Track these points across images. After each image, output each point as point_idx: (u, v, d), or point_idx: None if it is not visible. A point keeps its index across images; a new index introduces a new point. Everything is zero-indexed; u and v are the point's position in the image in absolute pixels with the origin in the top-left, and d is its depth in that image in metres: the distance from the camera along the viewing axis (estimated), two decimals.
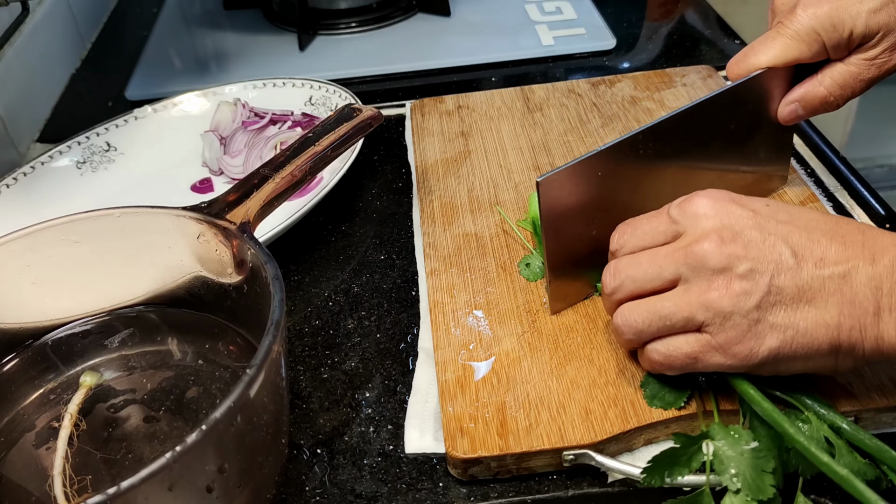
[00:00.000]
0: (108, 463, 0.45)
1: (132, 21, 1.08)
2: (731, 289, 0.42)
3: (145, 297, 0.53)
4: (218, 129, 0.76)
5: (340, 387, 0.54)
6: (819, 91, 0.54)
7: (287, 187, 0.52)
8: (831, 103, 0.55)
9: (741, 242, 0.42)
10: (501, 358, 0.52)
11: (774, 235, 0.43)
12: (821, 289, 0.41)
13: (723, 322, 0.42)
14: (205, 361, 0.50)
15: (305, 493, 0.48)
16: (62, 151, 0.74)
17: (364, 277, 0.63)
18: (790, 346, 0.42)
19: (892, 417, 0.47)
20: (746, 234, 0.43)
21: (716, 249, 0.42)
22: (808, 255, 0.42)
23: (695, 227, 0.44)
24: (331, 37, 0.97)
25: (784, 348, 0.42)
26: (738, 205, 0.44)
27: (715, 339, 0.43)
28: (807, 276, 0.42)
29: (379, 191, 0.72)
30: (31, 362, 0.51)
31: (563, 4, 0.99)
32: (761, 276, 0.42)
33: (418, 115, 0.77)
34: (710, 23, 0.96)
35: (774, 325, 0.42)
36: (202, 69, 0.94)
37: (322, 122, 0.59)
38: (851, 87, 0.54)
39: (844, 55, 0.53)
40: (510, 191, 0.66)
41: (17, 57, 0.83)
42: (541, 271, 0.57)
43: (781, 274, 0.42)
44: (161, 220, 0.50)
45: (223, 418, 0.36)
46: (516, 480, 0.47)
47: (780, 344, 0.42)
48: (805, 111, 0.56)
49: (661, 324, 0.44)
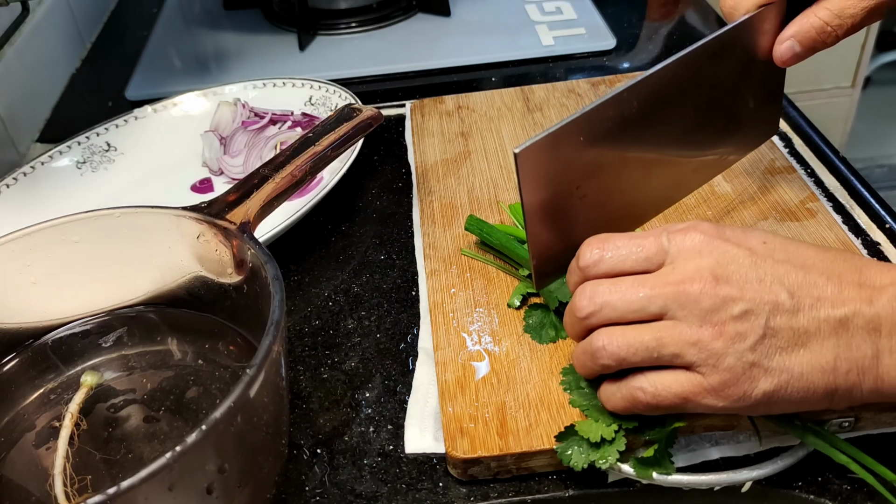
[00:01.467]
0: (108, 463, 0.45)
1: (132, 21, 1.08)
2: (726, 330, 0.40)
3: (145, 297, 0.53)
4: (218, 129, 0.76)
5: (340, 387, 0.54)
6: (815, 21, 0.50)
7: (287, 187, 0.52)
8: (829, 34, 0.50)
9: (736, 283, 0.41)
10: (501, 358, 0.52)
11: (771, 276, 0.41)
12: (817, 332, 0.40)
13: (716, 363, 0.40)
14: (205, 361, 0.50)
15: (305, 493, 0.48)
16: (62, 151, 0.74)
17: (364, 277, 0.63)
18: (785, 389, 0.40)
19: (892, 417, 0.47)
20: (742, 273, 0.41)
21: (710, 290, 0.40)
22: (805, 297, 0.40)
23: (686, 263, 0.42)
24: (331, 37, 0.97)
25: (779, 391, 0.40)
26: (734, 243, 0.42)
27: (707, 380, 0.41)
28: (803, 318, 0.40)
29: (379, 191, 0.72)
30: (31, 362, 0.51)
31: (563, 4, 0.99)
32: (756, 318, 0.40)
33: (418, 115, 0.77)
34: (710, 23, 0.96)
35: (769, 369, 0.40)
36: (202, 69, 0.94)
37: (322, 122, 0.59)
38: (851, 14, 0.49)
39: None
40: (510, 191, 0.66)
41: (17, 57, 0.83)
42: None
43: (777, 316, 0.40)
44: (161, 220, 0.50)
45: (223, 418, 0.36)
46: (516, 480, 0.47)
47: (775, 387, 0.40)
48: (802, 47, 0.51)
49: (646, 354, 0.42)
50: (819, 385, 0.40)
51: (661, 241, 0.43)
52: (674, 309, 0.41)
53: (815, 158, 0.70)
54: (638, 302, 0.42)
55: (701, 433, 0.48)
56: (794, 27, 0.51)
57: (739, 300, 0.40)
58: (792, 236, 0.58)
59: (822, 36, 0.51)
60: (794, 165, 0.67)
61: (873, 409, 0.46)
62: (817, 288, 0.41)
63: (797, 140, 0.72)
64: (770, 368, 0.40)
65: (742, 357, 0.40)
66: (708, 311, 0.40)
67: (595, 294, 0.43)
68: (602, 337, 0.43)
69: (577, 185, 0.48)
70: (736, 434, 0.48)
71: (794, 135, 0.72)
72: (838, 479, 0.46)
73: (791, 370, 0.40)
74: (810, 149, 0.71)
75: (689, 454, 0.47)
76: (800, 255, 0.42)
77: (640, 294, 0.42)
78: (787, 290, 0.40)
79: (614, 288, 0.43)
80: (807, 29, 0.51)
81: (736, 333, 0.40)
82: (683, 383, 0.41)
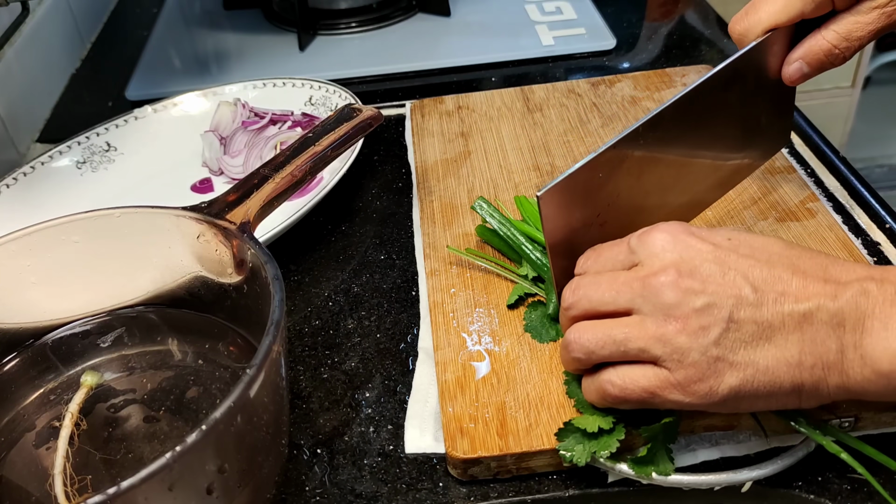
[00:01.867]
0: (108, 463, 0.45)
1: (132, 21, 1.08)
2: (689, 324, 0.41)
3: (145, 297, 0.53)
4: (218, 129, 0.76)
5: (340, 387, 0.54)
6: (823, 44, 0.51)
7: (287, 187, 0.52)
8: (837, 56, 0.52)
9: (699, 277, 0.41)
10: (501, 358, 0.52)
11: (734, 270, 0.41)
12: (781, 326, 0.40)
13: (681, 358, 0.41)
14: (205, 361, 0.50)
15: (305, 493, 0.48)
16: (62, 151, 0.74)
17: (364, 277, 0.63)
18: (751, 384, 0.40)
19: (892, 417, 0.47)
20: (705, 267, 0.42)
21: (672, 283, 0.41)
22: (769, 291, 0.41)
23: (652, 260, 0.43)
24: (331, 37, 0.97)
25: (745, 386, 0.40)
26: (698, 238, 0.43)
27: (674, 375, 0.41)
28: (767, 312, 0.40)
29: (379, 191, 0.72)
30: (31, 362, 0.51)
31: (563, 4, 0.99)
32: (720, 311, 0.40)
33: (418, 115, 0.77)
34: (710, 23, 0.96)
35: (734, 363, 0.40)
36: (202, 69, 0.94)
37: (322, 122, 0.59)
38: (858, 37, 0.51)
39: (851, 4, 0.50)
40: (510, 191, 0.66)
41: (17, 57, 0.83)
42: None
43: (741, 309, 0.40)
44: (161, 220, 0.50)
45: (223, 418, 0.36)
46: (516, 480, 0.47)
47: (741, 382, 0.40)
48: (810, 68, 0.53)
49: (613, 348, 0.43)
50: (785, 380, 0.40)
51: (631, 244, 0.45)
52: (640, 303, 0.42)
53: (815, 158, 0.70)
54: (609, 294, 0.44)
55: (701, 433, 0.48)
56: (803, 49, 0.52)
57: (702, 293, 0.41)
58: (792, 236, 0.58)
59: (830, 58, 0.52)
60: (794, 165, 0.67)
61: (873, 408, 0.46)
62: (781, 282, 0.41)
63: (797, 140, 0.72)
64: (735, 362, 0.40)
65: (706, 351, 0.40)
66: (671, 304, 0.41)
67: (577, 286, 0.46)
68: (574, 330, 0.45)
69: (597, 214, 0.50)
70: (736, 434, 0.48)
71: (795, 135, 0.72)
72: (838, 479, 0.46)
73: (756, 364, 0.40)
74: (810, 149, 0.71)
75: (689, 454, 0.47)
76: (765, 250, 0.43)
77: (612, 287, 0.44)
78: (750, 284, 0.41)
79: (593, 281, 0.45)
80: (815, 51, 0.52)
81: (699, 327, 0.40)
82: (650, 377, 0.42)
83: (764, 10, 0.51)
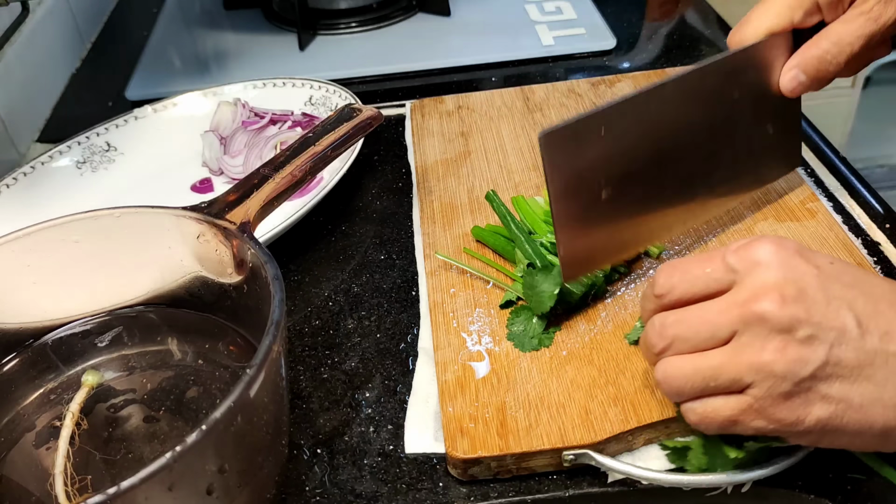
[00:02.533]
0: (108, 463, 0.45)
1: (132, 21, 1.08)
2: (788, 354, 0.39)
3: (145, 297, 0.53)
4: (218, 129, 0.76)
5: (340, 387, 0.54)
6: (815, 51, 0.53)
7: (287, 187, 0.53)
8: (829, 62, 0.53)
9: (804, 304, 0.39)
10: (501, 358, 0.52)
11: (839, 300, 0.39)
12: (883, 365, 0.39)
13: (771, 387, 0.39)
14: (205, 361, 0.50)
15: (305, 493, 0.48)
16: (62, 151, 0.74)
17: (364, 277, 0.63)
18: (840, 419, 0.39)
19: None
20: (810, 294, 0.39)
21: (777, 310, 0.39)
22: (874, 328, 0.39)
23: (754, 279, 0.40)
24: (331, 37, 0.97)
25: (833, 421, 0.39)
26: (803, 258, 0.41)
27: (758, 402, 0.39)
28: (870, 349, 0.39)
29: (379, 191, 0.72)
30: (31, 362, 0.51)
31: (563, 4, 0.99)
32: (821, 345, 0.38)
33: (418, 115, 0.77)
34: (710, 23, 0.96)
35: (827, 396, 0.39)
36: (202, 69, 0.94)
37: (322, 122, 0.59)
38: (850, 43, 0.52)
39: (839, 13, 0.53)
40: (510, 191, 0.66)
41: (17, 57, 0.83)
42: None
43: (843, 344, 0.39)
44: (161, 220, 0.50)
45: (223, 418, 0.36)
46: (516, 480, 0.47)
47: (830, 416, 0.39)
48: (806, 76, 0.54)
49: (703, 385, 0.41)
50: (877, 420, 0.39)
51: (728, 261, 0.41)
52: (741, 328, 0.40)
53: (815, 158, 0.70)
54: (706, 330, 0.41)
55: None
56: (798, 57, 0.55)
57: (806, 323, 0.39)
58: (792, 236, 0.58)
59: (824, 64, 0.54)
60: None
61: None
62: (886, 319, 0.39)
63: None
64: (828, 396, 0.39)
65: (800, 384, 0.39)
66: (773, 330, 0.39)
67: (664, 327, 0.42)
68: (662, 370, 0.42)
69: (599, 183, 0.50)
70: None
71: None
72: (838, 479, 0.46)
73: (850, 400, 0.39)
74: (810, 149, 0.71)
75: None
76: (867, 282, 0.41)
77: (705, 322, 0.41)
78: (854, 318, 0.39)
79: (681, 320, 0.42)
80: (808, 58, 0.54)
81: (798, 358, 0.39)
82: (733, 407, 0.40)
83: (758, 19, 0.54)
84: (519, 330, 0.53)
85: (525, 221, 0.60)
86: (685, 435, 0.47)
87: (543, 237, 0.58)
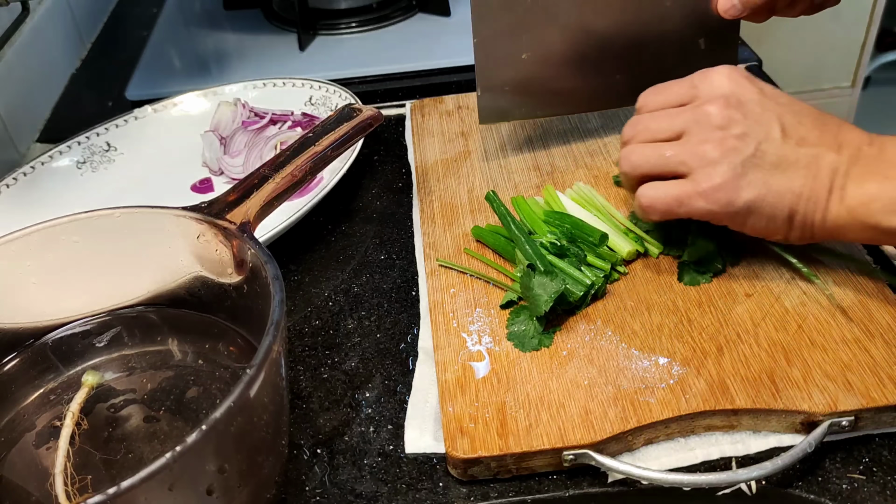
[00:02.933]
0: (108, 463, 0.45)
1: (132, 21, 1.08)
2: (725, 144, 0.49)
3: (145, 297, 0.53)
4: (218, 129, 0.76)
5: (340, 387, 0.54)
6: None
7: (287, 187, 0.53)
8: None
9: (742, 110, 0.50)
10: (501, 358, 0.52)
11: (771, 112, 0.50)
12: (795, 162, 0.49)
13: (711, 171, 0.49)
14: (205, 361, 0.50)
15: (305, 493, 0.48)
16: (62, 151, 0.74)
17: (364, 277, 0.63)
18: (763, 200, 0.49)
19: (892, 417, 0.47)
20: (748, 106, 0.50)
21: (719, 111, 0.50)
22: (793, 134, 0.50)
23: (707, 90, 0.52)
24: (331, 37, 0.97)
25: (757, 202, 0.49)
26: (751, 82, 0.52)
27: (702, 185, 0.50)
28: (787, 149, 0.49)
29: (379, 191, 0.72)
30: (31, 362, 0.51)
31: None
32: (752, 141, 0.49)
33: (418, 115, 0.77)
34: None
35: (752, 181, 0.49)
36: (202, 69, 0.94)
37: (322, 122, 0.59)
38: None
39: None
40: (510, 191, 0.66)
41: (17, 57, 0.83)
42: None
43: (768, 142, 0.49)
44: (161, 220, 0.50)
45: (223, 418, 0.36)
46: (516, 480, 0.47)
47: (755, 197, 0.49)
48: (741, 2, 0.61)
49: (656, 162, 0.52)
50: (786, 204, 0.49)
51: (694, 80, 0.53)
52: (691, 126, 0.51)
53: None
54: (666, 123, 0.53)
55: (701, 433, 0.48)
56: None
57: (741, 123, 0.50)
58: None
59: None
60: None
61: (873, 408, 0.46)
62: (804, 128, 0.50)
63: None
64: (753, 181, 0.49)
65: (734, 168, 0.49)
66: (714, 126, 0.50)
67: (638, 121, 0.54)
68: (626, 151, 0.54)
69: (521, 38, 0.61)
70: (736, 434, 0.48)
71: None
72: (838, 479, 0.46)
73: (769, 185, 0.49)
74: None
75: (688, 454, 0.47)
76: (797, 105, 0.52)
77: (668, 117, 0.53)
78: (780, 126, 0.50)
79: (652, 116, 0.54)
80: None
81: (732, 147, 0.49)
82: (679, 186, 0.51)
83: None
84: (519, 330, 0.53)
85: (525, 222, 0.60)
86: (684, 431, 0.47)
87: (543, 237, 0.58)
